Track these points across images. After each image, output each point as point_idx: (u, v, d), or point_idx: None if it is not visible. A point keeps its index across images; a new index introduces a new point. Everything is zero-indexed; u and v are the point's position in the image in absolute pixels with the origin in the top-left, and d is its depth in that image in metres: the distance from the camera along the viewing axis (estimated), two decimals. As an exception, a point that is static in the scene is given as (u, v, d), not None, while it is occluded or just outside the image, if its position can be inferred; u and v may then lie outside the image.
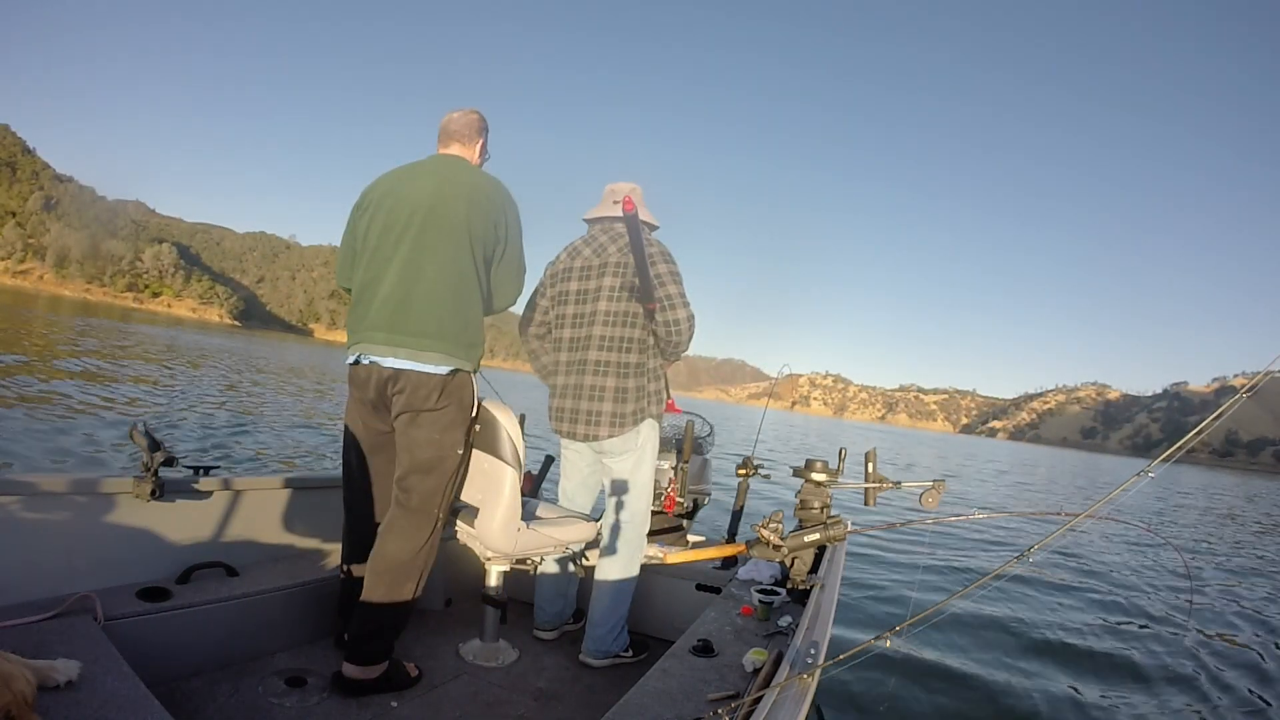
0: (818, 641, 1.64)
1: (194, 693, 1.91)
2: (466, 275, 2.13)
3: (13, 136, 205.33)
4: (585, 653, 2.57)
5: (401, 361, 2.05)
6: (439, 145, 2.31)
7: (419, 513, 2.11)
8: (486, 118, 2.35)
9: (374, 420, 2.19)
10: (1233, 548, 11.50)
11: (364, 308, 2.13)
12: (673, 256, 2.57)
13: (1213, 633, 5.62)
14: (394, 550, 2.08)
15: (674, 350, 2.57)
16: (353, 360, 2.14)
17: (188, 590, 2.03)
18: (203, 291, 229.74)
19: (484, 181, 2.21)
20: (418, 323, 2.06)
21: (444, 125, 2.31)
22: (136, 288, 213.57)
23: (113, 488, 1.98)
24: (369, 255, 2.14)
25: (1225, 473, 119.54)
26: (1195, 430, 1.23)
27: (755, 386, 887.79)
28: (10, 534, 1.77)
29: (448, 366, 2.09)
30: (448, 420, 2.13)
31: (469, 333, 2.14)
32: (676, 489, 3.13)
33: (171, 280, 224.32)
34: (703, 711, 1.52)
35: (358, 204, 2.25)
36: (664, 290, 2.48)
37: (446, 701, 2.14)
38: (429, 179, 2.16)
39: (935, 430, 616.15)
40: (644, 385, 2.57)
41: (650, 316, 2.50)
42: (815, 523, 2.26)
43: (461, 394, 2.15)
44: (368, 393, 2.13)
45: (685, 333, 2.50)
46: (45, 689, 1.31)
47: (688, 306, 2.51)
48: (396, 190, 2.16)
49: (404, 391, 2.07)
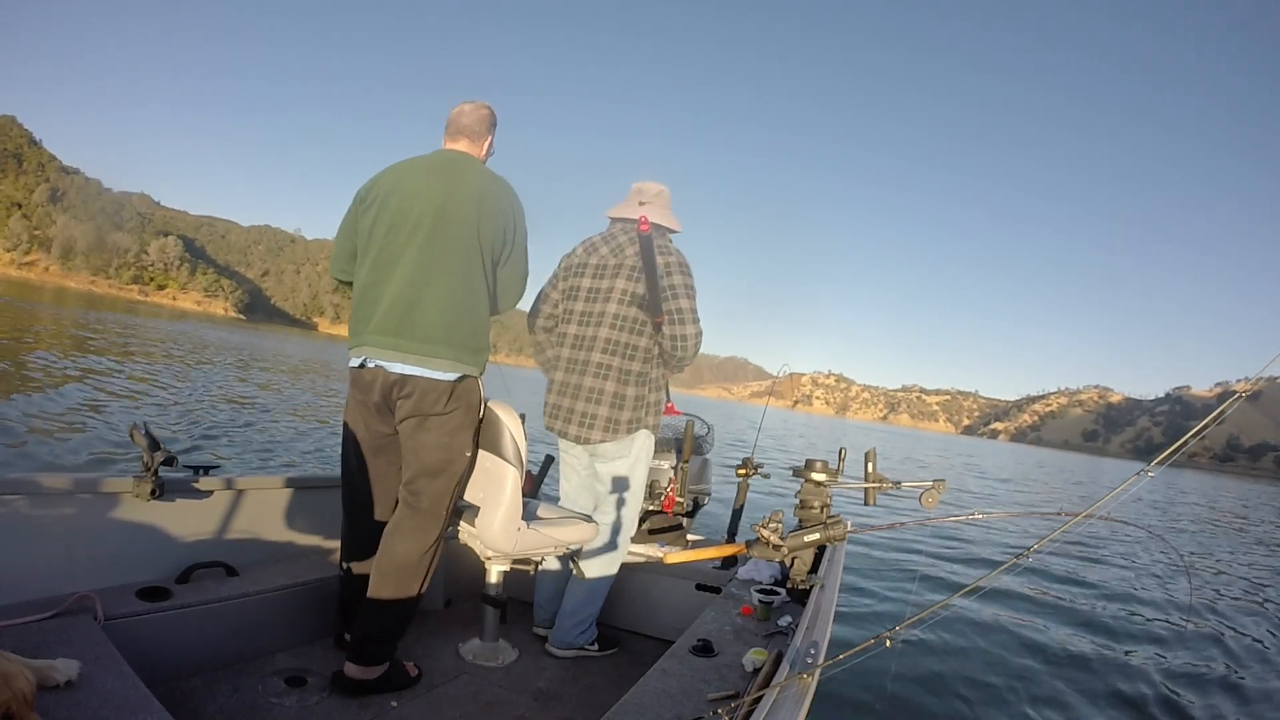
0: (818, 641, 1.64)
1: (194, 693, 1.91)
2: (475, 280, 2.10)
3: (19, 128, 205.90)
4: (551, 641, 2.63)
5: (410, 367, 2.03)
6: (446, 138, 2.26)
7: (428, 514, 2.11)
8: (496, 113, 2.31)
9: (376, 423, 2.16)
10: (1232, 549, 11.48)
11: (369, 309, 2.09)
12: (690, 268, 2.56)
13: (1211, 632, 5.62)
14: (403, 551, 2.08)
15: (678, 364, 2.58)
16: (358, 363, 2.11)
17: (188, 590, 2.03)
18: (208, 285, 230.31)
19: (494, 183, 2.18)
20: (426, 328, 2.03)
21: (453, 118, 2.25)
22: (142, 280, 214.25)
23: (113, 487, 1.98)
24: (374, 254, 2.10)
25: (1226, 478, 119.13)
26: (1193, 431, 1.23)
27: (757, 385, 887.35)
28: (10, 534, 1.77)
29: (456, 373, 2.07)
30: (456, 423, 2.12)
31: (476, 338, 2.12)
32: (676, 489, 3.13)
33: (177, 273, 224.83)
34: (703, 711, 1.52)
35: (361, 198, 2.20)
36: (676, 304, 2.48)
37: (446, 701, 2.14)
38: (438, 178, 2.12)
39: (937, 431, 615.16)
40: (644, 395, 2.57)
41: (658, 329, 2.51)
42: (815, 523, 2.26)
43: (469, 397, 2.14)
44: (371, 396, 2.10)
45: (691, 349, 2.51)
46: (45, 689, 1.31)
47: (697, 323, 2.51)
48: (403, 188, 2.11)
49: (411, 396, 2.05)
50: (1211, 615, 6.23)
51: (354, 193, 2.24)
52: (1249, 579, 8.68)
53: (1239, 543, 13.15)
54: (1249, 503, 29.16)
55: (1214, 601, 6.84)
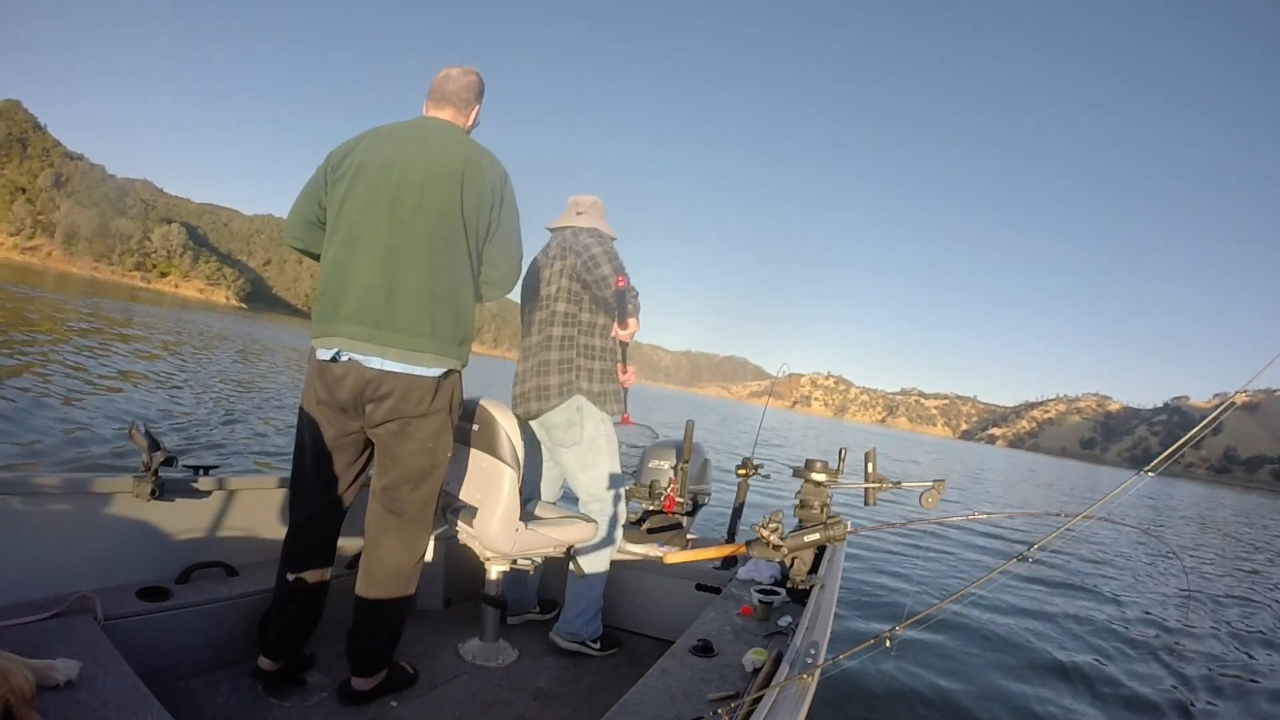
0: (817, 641, 1.64)
1: (194, 693, 1.91)
2: (459, 264, 1.93)
3: (24, 112, 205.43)
4: (554, 632, 2.66)
5: (390, 363, 1.84)
6: (429, 105, 2.06)
7: (415, 523, 2.01)
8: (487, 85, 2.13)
9: (341, 420, 1.94)
10: (1225, 553, 11.50)
11: (339, 294, 1.86)
12: (612, 250, 2.61)
13: (1209, 631, 5.65)
14: (395, 562, 1.99)
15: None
16: (328, 356, 1.87)
17: (187, 590, 2.03)
18: (210, 273, 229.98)
19: (479, 156, 1.97)
20: (408, 319, 1.84)
21: (438, 83, 2.06)
22: (144, 267, 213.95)
23: (112, 487, 1.97)
24: (345, 231, 1.88)
25: (1222, 489, 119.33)
26: (1190, 434, 1.24)
27: (756, 385, 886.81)
28: (10, 534, 1.76)
29: (441, 368, 1.91)
30: (439, 425, 1.97)
31: (461, 328, 1.95)
32: (676, 489, 3.14)
33: (179, 261, 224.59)
34: (703, 711, 1.53)
35: (334, 165, 1.96)
36: (596, 264, 2.54)
37: (446, 701, 2.14)
38: (419, 149, 1.91)
39: (935, 435, 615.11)
40: (571, 358, 2.61)
41: (599, 302, 2.58)
42: (815, 523, 2.26)
43: (452, 394, 2.00)
44: (339, 392, 1.88)
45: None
46: (45, 689, 1.31)
47: (594, 252, 2.55)
48: (381, 159, 1.90)
49: (391, 396, 1.86)
50: (1211, 615, 6.28)
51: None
52: (1246, 580, 8.72)
53: (1236, 546, 13.17)
54: (1245, 516, 29.18)
55: (1210, 600, 6.88)
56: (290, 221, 2.05)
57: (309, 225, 2.02)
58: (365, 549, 2.03)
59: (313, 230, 2.03)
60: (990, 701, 3.55)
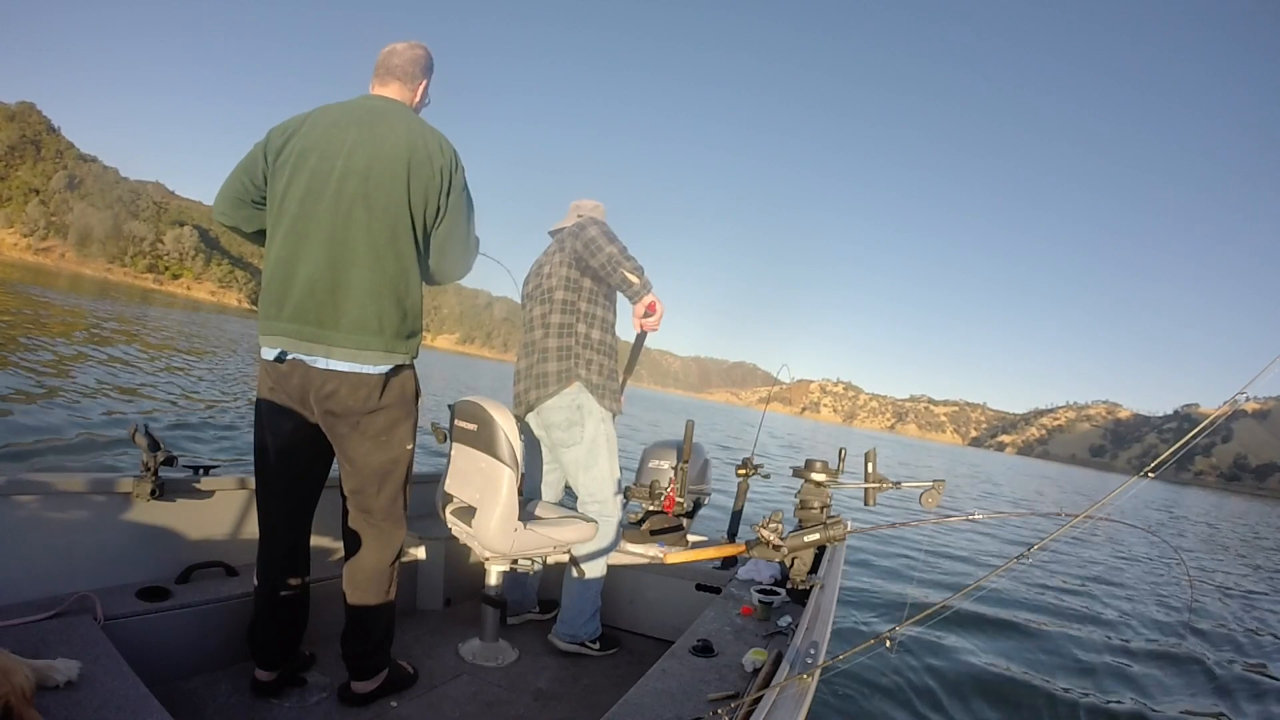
0: (817, 641, 1.63)
1: (194, 693, 1.91)
2: (406, 255, 1.84)
3: (38, 114, 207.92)
4: (553, 634, 2.65)
5: (335, 363, 1.78)
6: (374, 82, 1.97)
7: (387, 522, 1.98)
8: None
9: (294, 416, 1.89)
10: (1226, 555, 11.40)
11: (282, 290, 1.79)
12: (610, 231, 2.57)
13: (1209, 631, 5.61)
14: (373, 562, 1.98)
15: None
16: (272, 356, 1.82)
17: (187, 590, 2.03)
18: (222, 275, 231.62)
19: (427, 139, 1.85)
20: (353, 318, 1.77)
21: (383, 59, 1.96)
22: (157, 269, 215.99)
23: (113, 488, 1.98)
24: (288, 224, 1.79)
25: (1232, 497, 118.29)
26: (1191, 434, 1.23)
27: (765, 390, 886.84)
28: (10, 534, 1.77)
29: (388, 364, 1.85)
30: (392, 419, 1.91)
31: (409, 322, 1.87)
32: (676, 489, 3.13)
33: (191, 263, 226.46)
34: (703, 711, 1.52)
35: (275, 149, 1.85)
36: (597, 247, 2.51)
37: (446, 701, 2.14)
38: (362, 133, 1.81)
39: (944, 442, 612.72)
40: (569, 345, 2.60)
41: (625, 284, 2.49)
42: (815, 523, 2.25)
43: (404, 388, 1.92)
44: (287, 392, 1.84)
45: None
46: (45, 689, 1.31)
47: (592, 232, 2.53)
48: (324, 145, 1.81)
49: (338, 394, 1.80)
50: (1211, 615, 6.23)
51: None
52: (1247, 580, 8.64)
53: (1238, 550, 13.06)
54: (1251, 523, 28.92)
55: (1210, 601, 6.83)
56: (220, 197, 1.93)
57: (239, 202, 1.92)
58: (345, 553, 2.02)
59: (242, 208, 1.92)
60: (990, 701, 3.54)
